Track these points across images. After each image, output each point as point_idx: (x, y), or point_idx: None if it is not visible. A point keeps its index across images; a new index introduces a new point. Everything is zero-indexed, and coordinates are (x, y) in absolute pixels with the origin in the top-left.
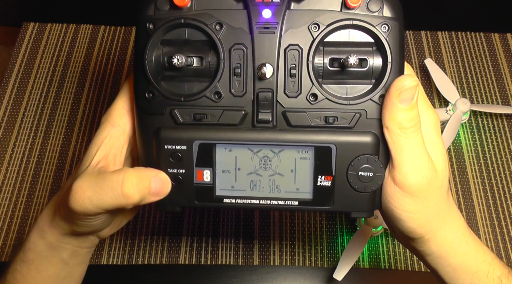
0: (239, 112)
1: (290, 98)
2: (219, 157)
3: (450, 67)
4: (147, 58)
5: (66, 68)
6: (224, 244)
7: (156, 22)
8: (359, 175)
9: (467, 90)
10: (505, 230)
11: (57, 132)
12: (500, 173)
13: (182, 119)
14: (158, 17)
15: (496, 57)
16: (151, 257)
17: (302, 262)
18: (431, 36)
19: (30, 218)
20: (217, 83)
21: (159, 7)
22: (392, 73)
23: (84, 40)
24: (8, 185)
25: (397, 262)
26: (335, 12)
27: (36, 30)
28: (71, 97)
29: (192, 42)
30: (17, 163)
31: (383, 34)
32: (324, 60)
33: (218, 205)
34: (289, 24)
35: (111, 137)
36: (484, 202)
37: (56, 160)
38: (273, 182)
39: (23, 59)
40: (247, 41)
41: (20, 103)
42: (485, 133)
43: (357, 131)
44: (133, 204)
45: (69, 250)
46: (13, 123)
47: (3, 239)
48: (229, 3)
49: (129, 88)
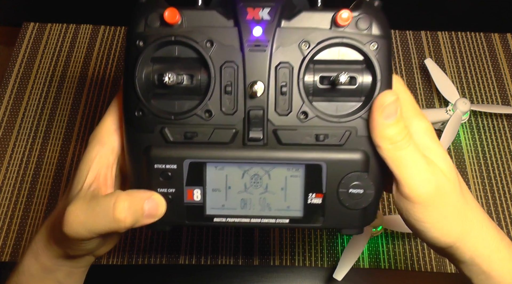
0: (230, 131)
1: (281, 116)
2: (210, 175)
3: (450, 67)
4: (137, 76)
5: (66, 68)
6: (224, 244)
7: (146, 39)
8: (350, 192)
9: (467, 90)
10: (505, 230)
11: (57, 132)
12: (500, 173)
13: (173, 138)
14: (148, 34)
15: (496, 57)
16: (151, 257)
17: (302, 262)
18: (431, 36)
19: (30, 218)
20: (207, 101)
21: (150, 24)
22: (381, 90)
23: (84, 40)
24: (8, 185)
25: (397, 262)
26: (325, 30)
27: (36, 30)
28: (71, 97)
29: (182, 59)
30: (17, 163)
31: (372, 52)
32: (315, 78)
33: (208, 224)
34: (279, 42)
35: (101, 157)
36: (484, 202)
37: (56, 160)
38: (263, 200)
39: (23, 59)
40: (238, 59)
41: (20, 103)
42: (485, 133)
43: (347, 149)
44: (126, 228)
45: (64, 271)
46: (13, 123)
47: (3, 239)
48: (220, 21)
49: (117, 106)
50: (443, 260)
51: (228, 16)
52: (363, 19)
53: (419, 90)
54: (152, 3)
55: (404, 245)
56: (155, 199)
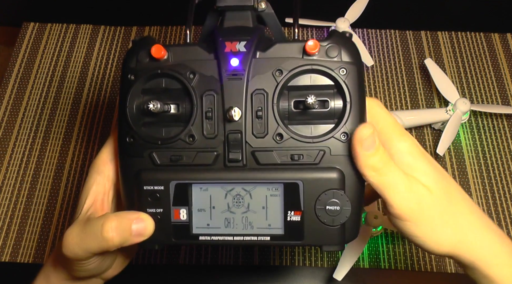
0: (212, 153)
1: (258, 138)
2: (195, 196)
3: (450, 67)
4: (128, 106)
5: (66, 68)
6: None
7: (136, 73)
8: (327, 209)
9: (467, 90)
10: (505, 230)
11: (57, 132)
12: (500, 173)
13: (160, 161)
14: (138, 68)
15: (496, 57)
16: (151, 257)
17: (302, 262)
18: (431, 36)
19: (30, 218)
20: (190, 126)
21: (140, 59)
22: (352, 113)
23: (84, 40)
24: (8, 185)
25: (397, 262)
26: (297, 59)
27: (36, 30)
28: (71, 97)
29: (169, 90)
30: (17, 163)
31: (341, 77)
32: (289, 103)
33: (194, 242)
34: (255, 71)
35: (98, 184)
36: (484, 202)
37: (56, 160)
38: (246, 218)
39: (23, 59)
40: (217, 88)
41: (20, 103)
42: (485, 133)
43: (322, 168)
44: (115, 246)
45: None
46: (13, 123)
47: (3, 239)
48: (202, 54)
49: (113, 139)
50: (443, 260)
51: (210, 50)
52: (333, 48)
53: (419, 90)
54: (144, 41)
55: (404, 245)
56: (143, 219)
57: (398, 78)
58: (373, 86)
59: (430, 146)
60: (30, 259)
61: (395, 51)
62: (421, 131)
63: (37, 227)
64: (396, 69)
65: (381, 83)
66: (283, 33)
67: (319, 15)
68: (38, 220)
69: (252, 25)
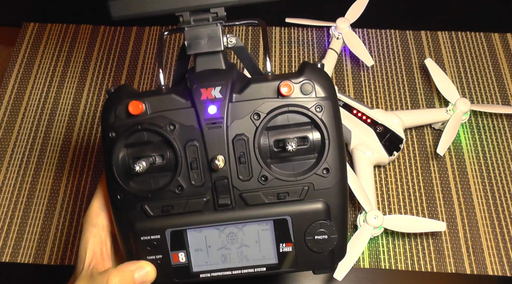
0: (201, 200)
1: (244, 181)
2: (191, 239)
3: (450, 67)
4: (114, 165)
5: (66, 68)
6: None
7: (117, 130)
8: (316, 239)
9: (467, 90)
10: (505, 230)
11: (57, 132)
12: (500, 173)
13: (153, 212)
14: (118, 125)
15: (496, 57)
16: None
17: None
18: (431, 36)
19: (30, 218)
20: (178, 177)
21: (118, 115)
22: (331, 148)
23: (84, 40)
24: (8, 185)
25: (397, 262)
26: (273, 100)
27: (36, 30)
28: (71, 97)
29: (152, 142)
30: (17, 163)
31: (317, 114)
32: (270, 142)
33: (196, 280)
34: (233, 116)
35: (94, 237)
36: (484, 202)
37: (56, 160)
38: (241, 253)
39: (23, 59)
40: (198, 137)
41: (20, 103)
42: (485, 133)
43: (308, 202)
44: None
45: None
46: (13, 123)
47: (3, 239)
48: (179, 103)
49: (101, 189)
50: (443, 260)
51: (185, 97)
52: (307, 85)
53: (419, 90)
54: (119, 92)
55: (404, 245)
56: (144, 267)
57: (398, 78)
58: (373, 86)
59: (430, 146)
60: (30, 260)
61: (395, 51)
62: (421, 131)
63: (37, 227)
64: (396, 69)
65: (381, 83)
66: (255, 64)
67: (319, 15)
68: (38, 220)
69: (224, 67)
